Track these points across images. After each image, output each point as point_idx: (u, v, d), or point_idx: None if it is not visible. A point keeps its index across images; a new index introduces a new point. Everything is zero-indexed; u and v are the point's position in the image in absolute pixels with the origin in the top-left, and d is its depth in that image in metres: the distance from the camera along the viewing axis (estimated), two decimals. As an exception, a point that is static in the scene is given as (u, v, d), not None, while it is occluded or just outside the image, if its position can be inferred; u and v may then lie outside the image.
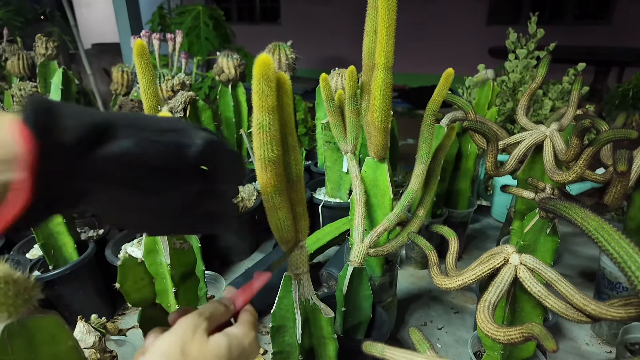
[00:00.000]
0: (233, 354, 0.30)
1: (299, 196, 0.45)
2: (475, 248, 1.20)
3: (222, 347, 0.30)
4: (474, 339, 0.66)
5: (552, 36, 1.58)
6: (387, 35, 0.55)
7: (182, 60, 1.55)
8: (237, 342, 0.31)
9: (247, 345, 0.32)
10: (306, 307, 0.52)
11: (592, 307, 0.44)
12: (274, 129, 0.35)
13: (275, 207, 0.41)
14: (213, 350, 0.29)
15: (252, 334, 0.34)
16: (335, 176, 1.13)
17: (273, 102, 0.34)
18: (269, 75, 0.32)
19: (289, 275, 0.50)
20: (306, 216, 0.47)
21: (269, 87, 0.33)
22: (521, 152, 0.72)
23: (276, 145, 0.36)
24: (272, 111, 0.34)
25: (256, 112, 0.35)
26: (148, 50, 0.51)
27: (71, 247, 0.82)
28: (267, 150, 0.36)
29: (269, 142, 0.35)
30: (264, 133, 0.35)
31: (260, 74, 0.32)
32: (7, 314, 0.39)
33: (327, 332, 0.53)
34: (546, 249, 0.62)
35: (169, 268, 0.56)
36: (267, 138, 0.35)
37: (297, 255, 0.48)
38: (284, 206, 0.42)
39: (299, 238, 0.48)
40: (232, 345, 0.31)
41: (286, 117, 0.38)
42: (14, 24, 2.53)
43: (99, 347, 0.63)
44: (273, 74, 0.33)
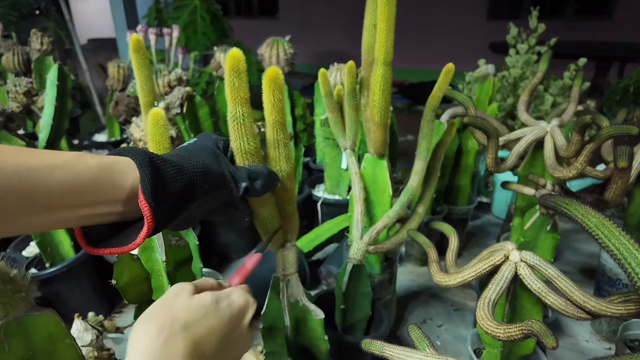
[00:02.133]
0: (221, 306, 0.31)
1: (289, 195, 0.43)
2: (475, 245, 1.20)
3: (208, 300, 0.30)
4: (474, 336, 0.66)
5: (553, 31, 1.57)
6: (386, 29, 0.54)
7: (179, 56, 1.54)
8: (224, 294, 0.32)
9: (236, 298, 0.33)
10: (296, 308, 0.52)
11: (592, 304, 0.43)
12: (248, 121, 0.36)
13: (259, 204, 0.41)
14: (198, 303, 0.30)
15: (242, 291, 0.34)
16: (334, 173, 1.12)
17: (245, 94, 0.35)
18: (240, 68, 0.34)
19: (277, 277, 0.49)
20: (296, 216, 0.46)
21: (240, 79, 0.34)
22: (522, 148, 0.71)
23: (252, 137, 0.36)
24: (245, 103, 0.35)
25: (229, 104, 0.35)
26: (144, 46, 0.51)
27: (68, 244, 0.82)
28: (244, 143, 0.36)
29: (244, 134, 0.36)
30: (239, 125, 0.36)
31: (231, 67, 0.33)
32: (3, 312, 0.39)
33: (318, 333, 0.53)
34: (546, 245, 0.62)
35: (165, 265, 0.56)
36: (242, 130, 0.36)
37: (285, 256, 0.47)
38: (269, 203, 0.41)
39: (287, 238, 0.47)
40: (220, 299, 0.31)
41: (277, 112, 0.38)
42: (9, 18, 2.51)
43: (97, 344, 0.63)
44: (243, 67, 0.34)
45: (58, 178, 0.25)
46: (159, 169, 0.29)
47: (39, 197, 0.24)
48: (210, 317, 0.29)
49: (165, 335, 0.26)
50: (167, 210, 0.29)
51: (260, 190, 0.36)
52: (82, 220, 0.27)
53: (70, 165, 0.25)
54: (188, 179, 0.30)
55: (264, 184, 0.36)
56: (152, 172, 0.28)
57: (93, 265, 0.85)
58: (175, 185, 0.30)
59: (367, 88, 0.67)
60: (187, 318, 0.28)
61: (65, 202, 0.25)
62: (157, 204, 0.28)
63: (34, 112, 1.06)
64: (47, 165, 0.24)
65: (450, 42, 5.18)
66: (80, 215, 0.27)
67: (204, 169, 0.32)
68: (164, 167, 0.29)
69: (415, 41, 5.09)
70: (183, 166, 0.31)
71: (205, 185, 0.32)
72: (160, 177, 0.29)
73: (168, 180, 0.29)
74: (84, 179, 0.26)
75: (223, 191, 0.33)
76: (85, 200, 0.26)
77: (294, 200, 0.45)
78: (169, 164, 0.30)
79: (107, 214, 0.28)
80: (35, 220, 0.25)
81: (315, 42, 5.63)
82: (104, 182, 0.27)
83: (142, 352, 0.26)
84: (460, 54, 3.11)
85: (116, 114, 1.27)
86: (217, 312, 0.30)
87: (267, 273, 0.92)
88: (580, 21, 4.73)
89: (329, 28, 5.74)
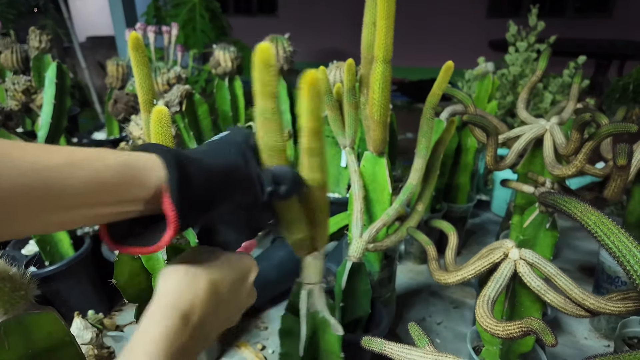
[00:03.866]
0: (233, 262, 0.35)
1: (322, 203, 0.42)
2: (475, 243, 1.20)
3: (224, 254, 0.35)
4: (473, 333, 0.66)
5: (552, 29, 1.57)
6: (386, 27, 0.54)
7: (178, 53, 1.53)
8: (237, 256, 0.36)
9: (245, 257, 0.37)
10: (316, 319, 0.51)
11: (591, 302, 0.44)
12: (276, 117, 0.34)
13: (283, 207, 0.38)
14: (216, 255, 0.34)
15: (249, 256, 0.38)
16: (334, 171, 1.12)
17: (274, 89, 0.33)
18: (270, 62, 0.32)
19: (299, 283, 0.48)
20: (327, 224, 0.44)
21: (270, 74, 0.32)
22: (521, 146, 0.71)
23: (280, 134, 0.35)
24: (273, 97, 0.33)
25: (258, 99, 0.33)
26: (143, 43, 0.50)
27: (67, 243, 0.81)
28: (271, 139, 0.34)
29: (271, 129, 0.34)
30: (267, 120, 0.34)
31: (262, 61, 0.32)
32: (3, 310, 0.39)
33: (334, 348, 0.51)
34: (546, 243, 0.62)
35: (166, 264, 0.56)
36: (270, 125, 0.34)
37: (311, 265, 0.46)
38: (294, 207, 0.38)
39: (315, 246, 0.44)
40: (232, 256, 0.36)
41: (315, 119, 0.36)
42: (7, 16, 2.49)
43: (96, 343, 0.63)
44: (274, 61, 0.32)
45: (75, 177, 0.24)
46: (185, 170, 0.28)
47: (55, 195, 0.23)
48: (225, 267, 0.34)
49: (192, 273, 0.30)
50: (191, 212, 0.29)
51: (284, 195, 0.35)
52: (101, 219, 0.27)
53: (88, 163, 0.25)
54: (214, 181, 0.30)
55: (289, 189, 0.35)
56: (179, 173, 0.27)
57: (92, 264, 0.85)
58: (200, 187, 0.29)
59: (367, 86, 0.67)
60: (208, 263, 0.32)
61: (83, 201, 0.25)
62: (182, 207, 0.27)
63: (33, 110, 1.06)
64: (64, 163, 0.24)
65: (449, 40, 5.17)
66: (100, 214, 0.26)
67: (230, 170, 0.32)
68: (190, 167, 0.29)
69: (415, 39, 5.08)
70: (210, 165, 0.30)
71: (230, 188, 0.32)
72: (186, 179, 0.28)
73: (193, 182, 0.29)
74: (103, 177, 0.25)
75: (248, 194, 0.33)
76: (105, 200, 0.26)
77: (326, 208, 0.42)
78: (196, 164, 0.29)
79: (127, 212, 0.28)
80: (53, 219, 0.24)
81: (315, 39, 5.62)
82: (124, 181, 0.26)
83: (171, 286, 0.29)
84: (460, 52, 3.11)
85: (115, 112, 1.27)
86: (230, 265, 0.35)
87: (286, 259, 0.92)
88: (580, 19, 4.73)
89: (329, 26, 5.73)
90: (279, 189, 0.34)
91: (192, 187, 0.28)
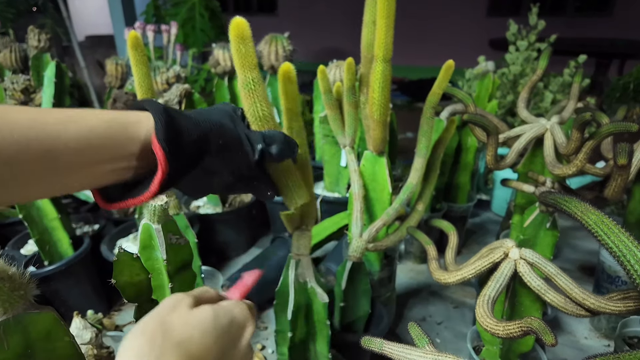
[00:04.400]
0: (221, 323, 0.28)
1: (306, 181, 0.45)
2: (475, 242, 1.20)
3: (207, 315, 0.27)
4: (473, 333, 0.66)
5: (553, 28, 1.56)
6: (386, 26, 0.53)
7: (177, 53, 1.53)
8: (224, 311, 0.29)
9: (237, 314, 0.30)
10: (304, 290, 0.53)
11: (591, 301, 0.43)
12: (259, 87, 0.37)
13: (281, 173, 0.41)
14: (197, 319, 0.27)
15: (243, 307, 0.31)
16: (334, 170, 1.12)
17: (253, 60, 0.36)
18: (244, 34, 0.35)
19: (290, 255, 0.52)
20: (314, 202, 0.48)
21: (246, 45, 0.35)
22: (521, 145, 0.71)
23: (265, 103, 0.37)
24: (254, 68, 0.36)
25: (239, 72, 0.36)
26: (142, 42, 0.50)
27: (66, 242, 0.81)
28: (257, 109, 0.37)
29: (257, 100, 0.36)
30: (250, 91, 0.36)
31: (236, 35, 0.34)
32: (2, 310, 0.39)
33: (321, 317, 0.54)
34: (546, 243, 0.62)
35: (165, 263, 0.56)
36: (255, 96, 0.36)
37: (300, 238, 0.50)
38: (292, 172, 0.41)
39: (304, 223, 0.49)
40: (219, 315, 0.28)
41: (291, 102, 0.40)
42: (6, 15, 2.49)
43: (96, 342, 0.63)
44: (248, 34, 0.35)
45: (73, 132, 0.25)
46: (173, 118, 0.29)
47: (57, 152, 0.24)
48: (208, 335, 0.26)
49: (158, 351, 0.24)
50: (181, 158, 0.29)
51: (277, 155, 0.35)
52: (100, 179, 0.28)
53: (82, 118, 0.26)
54: (203, 130, 0.31)
55: (280, 148, 0.35)
56: (167, 118, 0.28)
57: (92, 263, 0.85)
58: (189, 134, 0.30)
59: (367, 85, 0.67)
60: (183, 334, 0.25)
61: (83, 157, 0.26)
62: (171, 148, 0.28)
63: (32, 110, 1.06)
64: (60, 119, 0.25)
65: (450, 39, 5.16)
66: (98, 172, 0.27)
67: (220, 125, 0.32)
68: (178, 117, 0.30)
69: (415, 38, 5.07)
70: (199, 119, 0.31)
71: (220, 140, 0.32)
72: (175, 125, 0.29)
73: (182, 128, 0.29)
74: (99, 131, 0.26)
75: (239, 153, 0.33)
76: (103, 155, 0.26)
77: (311, 185, 0.46)
78: (184, 115, 0.31)
79: (124, 170, 0.28)
80: (57, 181, 0.25)
81: (314, 39, 5.61)
82: (118, 134, 0.27)
83: None
84: (460, 51, 3.10)
85: (114, 112, 1.27)
86: (216, 329, 0.27)
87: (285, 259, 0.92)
88: (580, 18, 4.72)
89: (328, 25, 5.72)
90: (271, 149, 0.35)
91: (181, 132, 0.29)
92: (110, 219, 1.02)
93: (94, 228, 0.98)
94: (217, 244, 1.07)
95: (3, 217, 0.99)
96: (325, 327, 0.54)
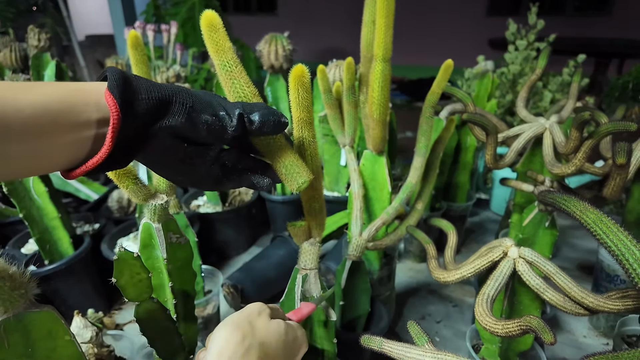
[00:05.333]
0: (289, 338, 0.36)
1: (316, 192, 0.43)
2: (474, 241, 1.20)
3: (282, 329, 0.35)
4: (472, 332, 0.66)
5: (552, 27, 1.56)
6: (385, 25, 0.53)
7: (177, 52, 1.53)
8: (292, 329, 0.37)
9: (300, 335, 0.38)
10: None
11: (589, 300, 0.44)
12: (237, 68, 0.34)
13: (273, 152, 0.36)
14: (275, 328, 0.35)
15: (304, 332, 0.39)
16: (333, 169, 1.12)
17: (227, 44, 0.34)
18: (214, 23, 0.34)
19: (297, 269, 0.49)
20: (323, 213, 0.45)
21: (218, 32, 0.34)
22: (521, 144, 0.71)
23: (246, 82, 0.35)
24: (229, 51, 0.34)
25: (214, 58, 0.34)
26: (142, 42, 0.50)
27: (67, 241, 0.81)
28: (238, 89, 0.34)
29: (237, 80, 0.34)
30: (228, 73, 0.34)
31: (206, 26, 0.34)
32: (3, 309, 0.39)
33: (328, 334, 0.52)
34: (545, 242, 0.62)
35: (165, 262, 0.56)
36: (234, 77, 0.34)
37: (308, 251, 0.48)
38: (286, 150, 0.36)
39: (312, 234, 0.47)
40: (289, 331, 0.36)
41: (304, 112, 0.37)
42: (6, 15, 2.49)
43: (96, 341, 0.63)
44: (218, 22, 0.34)
45: (28, 98, 0.24)
46: (131, 76, 0.28)
47: (10, 117, 0.23)
48: (281, 344, 0.35)
49: (248, 343, 0.32)
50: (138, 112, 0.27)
51: (259, 125, 0.31)
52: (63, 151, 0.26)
53: (39, 86, 0.25)
54: (167, 90, 0.29)
55: (262, 118, 0.31)
56: (122, 74, 0.27)
57: (92, 262, 0.85)
58: (149, 90, 0.28)
59: (366, 84, 0.67)
60: (265, 337, 0.33)
61: (40, 125, 0.24)
62: (124, 96, 0.26)
63: (32, 109, 1.06)
64: (13, 87, 0.24)
65: (449, 39, 5.17)
66: (60, 144, 0.26)
67: (188, 91, 0.30)
68: (140, 78, 0.28)
69: (415, 37, 5.07)
70: (166, 85, 0.30)
71: (187, 103, 0.29)
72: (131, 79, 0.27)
73: (141, 84, 0.28)
74: (55, 97, 0.25)
75: (212, 117, 0.30)
76: (61, 122, 0.25)
77: (321, 197, 0.44)
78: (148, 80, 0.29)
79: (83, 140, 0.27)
80: (14, 150, 0.24)
81: (314, 38, 5.61)
82: (76, 100, 0.26)
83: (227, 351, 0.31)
84: (459, 51, 3.10)
85: (114, 111, 1.27)
86: (286, 341, 0.35)
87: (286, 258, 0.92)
88: (580, 17, 4.72)
89: (328, 24, 5.72)
90: (252, 117, 0.31)
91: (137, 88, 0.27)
92: (110, 218, 1.02)
93: (95, 227, 0.98)
94: (217, 243, 1.07)
95: (3, 217, 0.99)
96: (331, 345, 0.53)
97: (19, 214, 0.75)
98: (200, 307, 0.74)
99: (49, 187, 0.79)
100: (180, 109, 0.29)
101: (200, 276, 0.77)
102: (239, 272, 0.89)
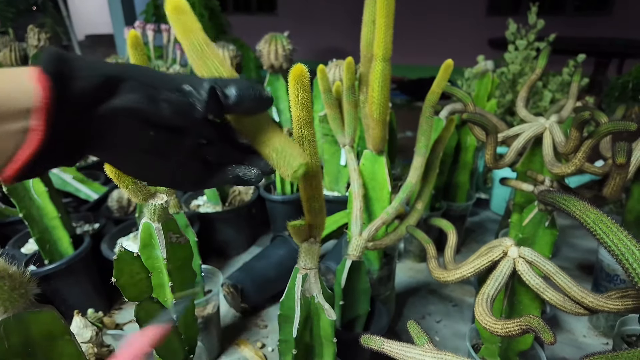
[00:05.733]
0: None
1: (316, 192, 0.43)
2: (474, 241, 1.20)
3: None
4: (472, 331, 0.66)
5: (552, 27, 1.56)
6: (385, 25, 0.53)
7: (177, 52, 1.53)
8: None
9: None
10: (311, 304, 0.51)
11: (589, 300, 0.44)
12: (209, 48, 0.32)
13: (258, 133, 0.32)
14: None
15: None
16: (333, 169, 1.12)
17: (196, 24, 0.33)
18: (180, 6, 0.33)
19: (297, 268, 0.49)
20: (323, 213, 0.45)
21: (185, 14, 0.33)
22: (520, 144, 0.71)
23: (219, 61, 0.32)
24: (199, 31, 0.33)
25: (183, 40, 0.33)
26: (142, 42, 0.50)
27: (67, 241, 0.81)
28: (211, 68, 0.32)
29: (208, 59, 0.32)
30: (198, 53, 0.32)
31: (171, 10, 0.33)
32: (3, 309, 0.39)
33: (327, 333, 0.52)
34: (545, 241, 0.62)
35: (165, 262, 0.56)
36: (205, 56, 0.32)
37: (308, 251, 0.47)
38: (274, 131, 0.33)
39: (312, 234, 0.46)
40: None
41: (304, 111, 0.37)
42: (6, 15, 2.49)
43: (96, 341, 0.63)
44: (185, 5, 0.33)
45: None
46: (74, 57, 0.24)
47: None
48: None
49: None
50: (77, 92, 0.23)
51: (236, 100, 0.27)
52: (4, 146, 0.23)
53: None
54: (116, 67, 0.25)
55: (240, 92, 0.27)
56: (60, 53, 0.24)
57: (92, 262, 0.85)
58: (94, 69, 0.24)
59: (366, 84, 0.67)
60: None
61: None
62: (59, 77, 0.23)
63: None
64: None
65: (449, 38, 5.17)
66: None
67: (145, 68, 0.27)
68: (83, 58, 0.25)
69: (415, 37, 5.07)
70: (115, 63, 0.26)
71: (143, 80, 0.26)
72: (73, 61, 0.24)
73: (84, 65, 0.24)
74: None
75: (175, 92, 0.26)
76: None
77: (321, 196, 0.44)
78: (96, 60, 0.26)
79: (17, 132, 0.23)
80: None
81: (314, 38, 5.61)
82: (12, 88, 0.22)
83: None
84: (459, 50, 3.10)
85: (114, 111, 1.27)
86: None
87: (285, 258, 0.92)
88: (580, 17, 4.72)
89: (328, 24, 5.72)
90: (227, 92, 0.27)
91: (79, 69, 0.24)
92: (110, 217, 1.02)
93: (94, 227, 0.98)
94: (217, 243, 1.07)
95: (3, 216, 0.99)
96: (331, 344, 0.53)
97: (19, 213, 0.75)
98: (200, 307, 0.74)
99: (49, 186, 0.79)
100: (134, 86, 0.25)
101: (200, 276, 0.77)
102: (239, 272, 0.89)
